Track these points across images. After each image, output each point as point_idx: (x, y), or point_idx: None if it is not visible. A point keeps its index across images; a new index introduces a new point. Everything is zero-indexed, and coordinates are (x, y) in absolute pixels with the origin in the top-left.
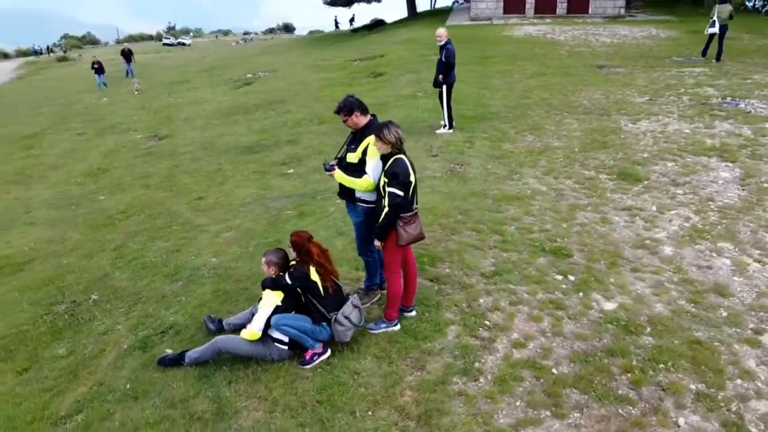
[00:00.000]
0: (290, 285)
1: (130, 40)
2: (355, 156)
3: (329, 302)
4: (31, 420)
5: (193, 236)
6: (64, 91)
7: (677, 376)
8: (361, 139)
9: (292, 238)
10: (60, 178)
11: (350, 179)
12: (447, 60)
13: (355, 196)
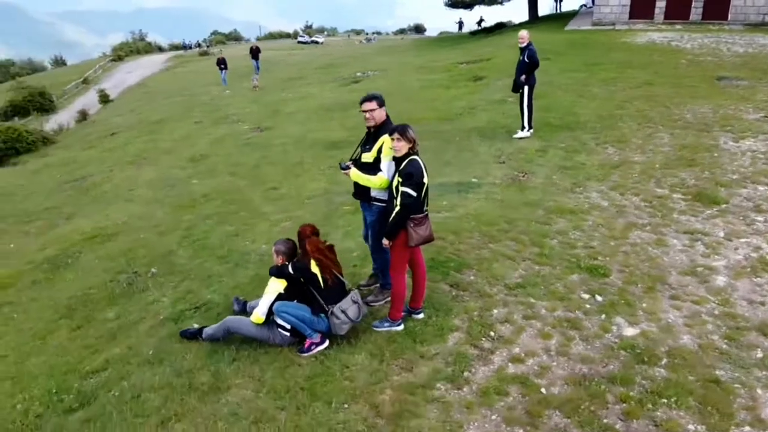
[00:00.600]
0: (292, 275)
1: (269, 38)
2: (371, 155)
3: (328, 295)
4: (66, 371)
5: (254, 223)
6: (196, 83)
7: (678, 413)
8: (375, 139)
9: (298, 230)
10: (168, 162)
11: (365, 177)
12: (531, 60)
13: (371, 195)
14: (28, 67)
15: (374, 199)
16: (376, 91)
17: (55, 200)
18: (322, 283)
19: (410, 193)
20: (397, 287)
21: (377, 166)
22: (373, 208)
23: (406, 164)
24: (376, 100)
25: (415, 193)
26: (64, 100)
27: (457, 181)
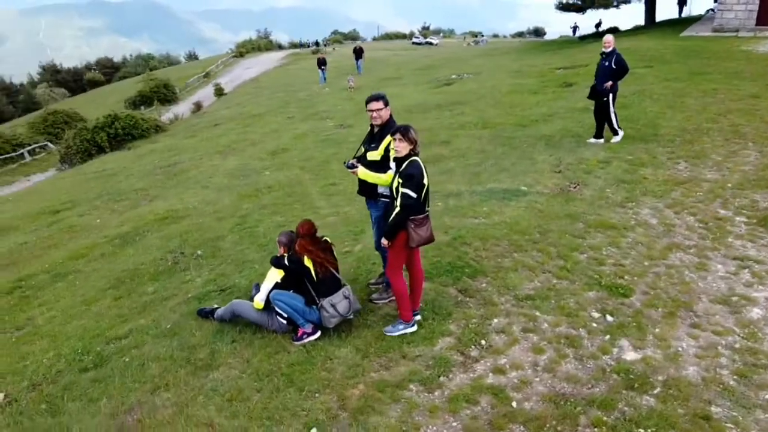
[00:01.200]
0: (287, 266)
1: (385, 38)
2: (377, 153)
3: (320, 287)
4: (94, 335)
5: (304, 215)
6: (301, 80)
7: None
8: (381, 138)
9: (297, 226)
10: (251, 153)
11: (375, 175)
12: (619, 66)
13: (378, 192)
14: (165, 61)
15: (381, 196)
16: (466, 95)
17: (146, 182)
18: (315, 276)
19: (410, 194)
20: (397, 287)
21: (385, 164)
22: (379, 204)
23: (407, 165)
24: (381, 99)
25: (416, 195)
26: (186, 92)
27: (505, 188)
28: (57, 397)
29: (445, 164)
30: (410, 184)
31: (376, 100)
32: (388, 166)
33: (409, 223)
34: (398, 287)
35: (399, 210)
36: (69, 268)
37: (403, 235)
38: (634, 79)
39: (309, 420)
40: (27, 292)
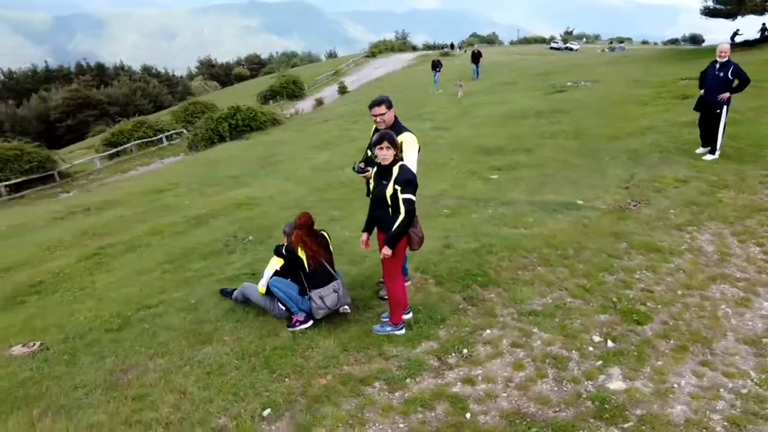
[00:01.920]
0: (284, 255)
1: (523, 42)
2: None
3: (311, 279)
4: (133, 302)
5: (356, 212)
6: (420, 82)
7: None
8: None
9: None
10: (344, 150)
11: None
12: (738, 77)
13: None
14: (306, 59)
15: None
16: (572, 103)
17: (241, 170)
18: (307, 268)
19: (413, 198)
20: (396, 293)
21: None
22: None
23: (401, 171)
24: (384, 103)
25: (415, 198)
26: (314, 88)
27: (562, 200)
28: (78, 351)
29: (517, 173)
30: (411, 189)
31: (378, 104)
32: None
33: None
34: (396, 293)
35: (404, 217)
36: (143, 242)
37: (404, 241)
38: (756, 93)
39: (268, 401)
40: (103, 259)
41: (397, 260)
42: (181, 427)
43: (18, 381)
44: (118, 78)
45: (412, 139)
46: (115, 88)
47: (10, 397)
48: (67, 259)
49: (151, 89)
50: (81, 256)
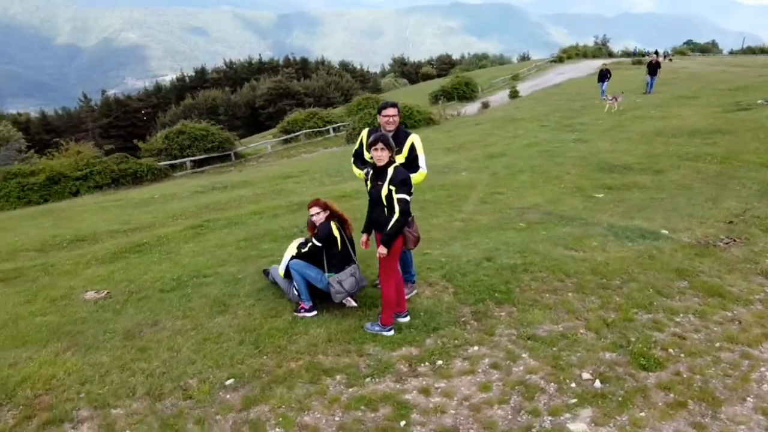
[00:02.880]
0: (316, 246)
1: (747, 52)
2: (402, 156)
3: (333, 260)
4: (195, 270)
5: (440, 215)
6: (592, 90)
7: None
8: (400, 141)
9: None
10: (471, 154)
11: None
12: None
13: None
14: (496, 61)
15: None
16: (744, 124)
17: None
18: (339, 246)
19: (408, 198)
20: (389, 294)
21: (412, 164)
22: None
23: (395, 172)
24: (396, 107)
25: (410, 198)
26: (487, 91)
27: (645, 228)
28: (128, 303)
29: (626, 194)
30: (405, 189)
31: (392, 106)
32: (414, 166)
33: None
34: (390, 294)
35: (399, 216)
36: (242, 220)
37: (400, 240)
38: None
39: (237, 372)
40: (202, 231)
41: (393, 260)
42: (158, 379)
43: (71, 319)
44: (317, 71)
45: (419, 138)
46: (313, 81)
47: (59, 330)
48: (176, 228)
49: (343, 83)
50: (188, 226)
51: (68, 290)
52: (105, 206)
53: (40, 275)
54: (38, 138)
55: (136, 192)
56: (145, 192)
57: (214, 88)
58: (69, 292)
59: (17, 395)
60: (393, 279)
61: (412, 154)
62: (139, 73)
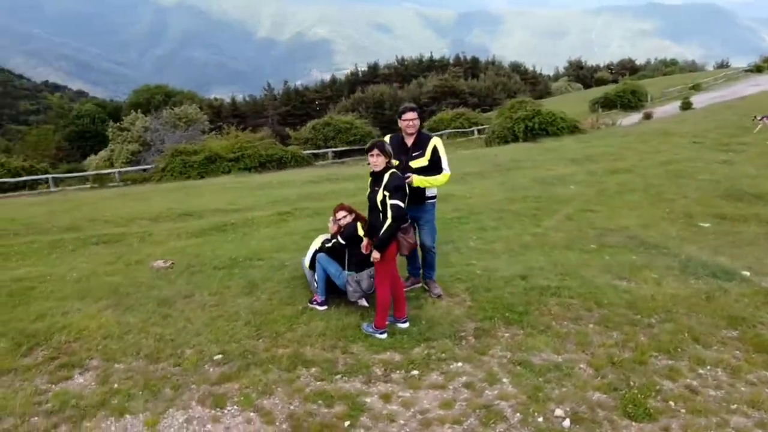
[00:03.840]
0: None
1: None
2: (425, 159)
3: (353, 259)
4: (255, 252)
5: (511, 227)
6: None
7: None
8: (422, 145)
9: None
10: (592, 167)
11: (431, 178)
12: None
13: (426, 196)
14: (687, 68)
15: (428, 198)
16: None
17: (480, 169)
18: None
19: (401, 205)
20: (383, 297)
21: (436, 166)
22: (427, 206)
23: (390, 178)
24: (416, 110)
25: (404, 204)
26: (657, 101)
27: (724, 266)
28: (182, 275)
29: (738, 226)
30: (399, 195)
31: (412, 110)
32: (437, 168)
33: (398, 232)
34: (384, 297)
35: (391, 222)
36: (326, 212)
37: (394, 246)
38: None
39: (228, 349)
40: (287, 218)
41: (387, 264)
42: (163, 344)
43: (131, 282)
44: (485, 71)
45: (441, 141)
46: (480, 81)
47: (116, 290)
48: (267, 212)
49: (511, 84)
50: (278, 212)
51: (146, 257)
52: (228, 187)
53: (135, 241)
54: (227, 121)
55: (263, 176)
56: (271, 177)
57: (383, 84)
58: (145, 259)
59: (53, 339)
60: (387, 283)
61: (435, 156)
62: (324, 66)
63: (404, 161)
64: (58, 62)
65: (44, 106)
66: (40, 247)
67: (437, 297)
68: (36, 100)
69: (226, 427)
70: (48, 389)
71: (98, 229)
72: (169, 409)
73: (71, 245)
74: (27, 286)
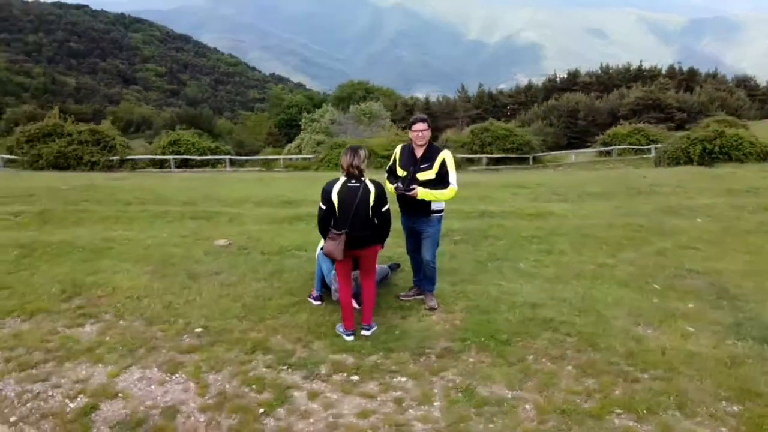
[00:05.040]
0: None
1: None
2: (433, 172)
3: None
4: (305, 243)
5: (581, 253)
6: None
7: None
8: (430, 158)
9: None
10: (743, 200)
11: (437, 192)
12: None
13: (431, 209)
14: None
15: (434, 211)
16: None
17: (604, 188)
18: None
19: (322, 207)
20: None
21: (443, 180)
22: (432, 221)
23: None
24: (426, 121)
25: (323, 207)
26: None
27: None
28: (230, 255)
29: None
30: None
31: (422, 121)
32: (445, 182)
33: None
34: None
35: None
36: None
37: (337, 250)
38: None
39: (211, 325)
40: None
41: (342, 268)
42: (164, 311)
43: (186, 254)
44: (702, 85)
45: (451, 155)
46: (693, 95)
47: (168, 259)
48: None
49: (732, 101)
50: None
51: (218, 235)
52: None
53: (223, 221)
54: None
55: None
56: None
57: (581, 92)
58: (215, 236)
59: (91, 292)
60: (341, 286)
61: (443, 170)
62: (530, 71)
63: (411, 172)
64: (286, 57)
65: (268, 96)
66: (148, 216)
67: (429, 310)
68: (263, 90)
69: (165, 391)
70: (61, 332)
71: (205, 206)
72: (132, 366)
73: (171, 217)
74: (108, 246)
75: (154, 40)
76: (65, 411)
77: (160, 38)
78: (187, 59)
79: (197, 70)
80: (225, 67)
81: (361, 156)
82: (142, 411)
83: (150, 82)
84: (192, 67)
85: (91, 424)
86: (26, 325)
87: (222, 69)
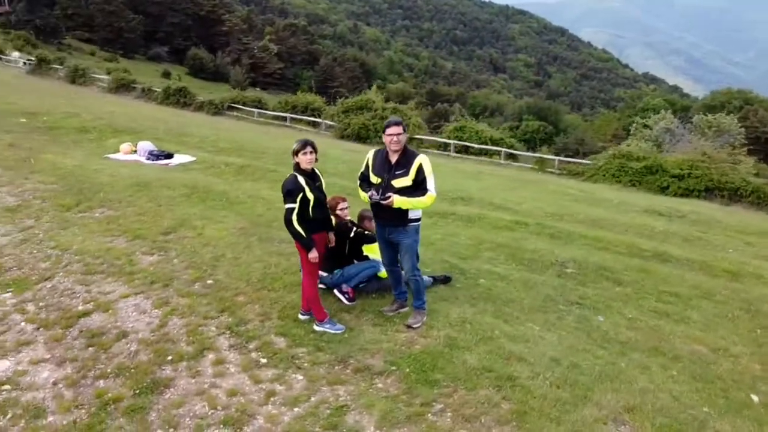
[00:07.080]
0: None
1: None
2: (409, 179)
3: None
4: None
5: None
6: None
7: None
8: (406, 163)
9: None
10: None
11: (414, 200)
12: None
13: (408, 218)
14: None
15: (411, 220)
16: None
17: None
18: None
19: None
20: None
21: (420, 186)
22: (409, 230)
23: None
24: (401, 124)
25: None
26: None
27: None
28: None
29: None
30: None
31: (396, 124)
32: (421, 189)
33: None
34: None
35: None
36: (477, 221)
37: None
38: None
39: (218, 279)
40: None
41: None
42: (208, 260)
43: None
44: None
45: (428, 159)
46: None
47: (253, 220)
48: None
49: None
50: (450, 213)
51: None
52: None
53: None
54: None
55: (667, 200)
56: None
57: None
58: None
59: (178, 233)
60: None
61: (420, 176)
62: None
63: (386, 179)
64: (669, 56)
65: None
66: (253, 171)
67: (407, 327)
68: (631, 89)
69: (139, 309)
70: (131, 255)
71: None
72: (138, 294)
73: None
74: (205, 195)
75: (531, 31)
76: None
77: (536, 30)
78: (558, 51)
79: (565, 63)
80: (594, 62)
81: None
82: (110, 327)
83: (517, 72)
84: (561, 60)
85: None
86: (123, 243)
87: (591, 64)
